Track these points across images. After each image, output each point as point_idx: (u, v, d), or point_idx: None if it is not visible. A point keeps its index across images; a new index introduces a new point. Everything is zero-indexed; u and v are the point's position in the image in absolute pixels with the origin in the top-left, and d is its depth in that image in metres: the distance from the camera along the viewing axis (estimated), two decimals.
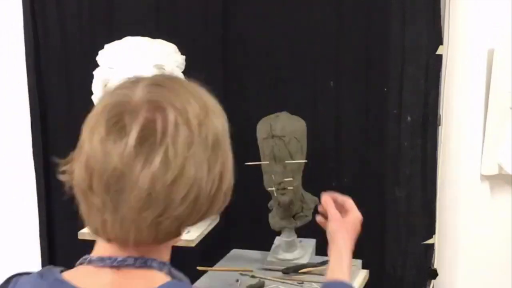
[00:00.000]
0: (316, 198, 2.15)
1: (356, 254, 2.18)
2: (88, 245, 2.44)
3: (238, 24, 2.49)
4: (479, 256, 2.53)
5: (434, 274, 2.47)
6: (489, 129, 2.44)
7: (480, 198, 2.51)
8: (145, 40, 2.06)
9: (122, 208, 0.92)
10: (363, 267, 2.18)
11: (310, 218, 2.13)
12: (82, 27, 2.55)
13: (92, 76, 2.09)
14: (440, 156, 2.43)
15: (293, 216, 2.10)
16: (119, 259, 0.97)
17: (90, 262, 1.00)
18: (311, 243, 2.22)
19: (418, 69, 2.35)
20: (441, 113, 2.41)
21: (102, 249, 1.00)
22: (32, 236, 2.69)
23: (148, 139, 0.91)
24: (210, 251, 2.30)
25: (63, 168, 1.00)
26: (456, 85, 2.44)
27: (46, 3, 2.55)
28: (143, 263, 0.97)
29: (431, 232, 2.44)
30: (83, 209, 0.98)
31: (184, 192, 0.92)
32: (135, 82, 0.97)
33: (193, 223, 0.97)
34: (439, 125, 2.42)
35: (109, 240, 0.97)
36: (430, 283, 2.48)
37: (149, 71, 2.01)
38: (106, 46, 2.08)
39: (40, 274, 1.01)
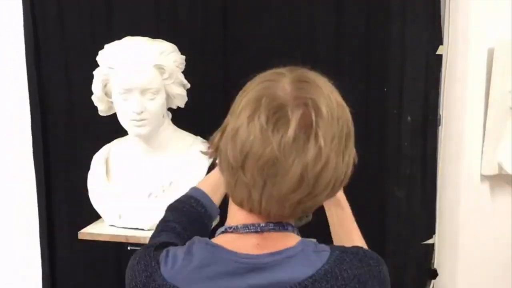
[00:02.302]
0: None
1: None
2: (88, 245, 2.44)
3: (238, 24, 2.49)
4: (479, 256, 2.53)
5: (434, 274, 2.47)
6: (489, 129, 2.44)
7: (480, 198, 2.52)
8: (145, 40, 2.06)
9: (271, 188, 1.05)
10: None
11: (310, 218, 2.12)
12: (82, 27, 2.55)
13: (92, 76, 2.09)
14: (440, 156, 2.43)
15: None
16: (262, 225, 1.11)
17: (235, 230, 1.13)
18: None
19: (418, 69, 2.35)
20: (441, 113, 2.41)
21: (243, 218, 1.13)
22: (32, 236, 2.69)
23: (304, 131, 1.03)
24: None
25: (210, 144, 1.14)
26: (456, 85, 2.44)
27: (46, 3, 2.55)
28: (282, 227, 1.12)
29: (431, 232, 2.44)
30: (228, 182, 1.11)
31: (328, 178, 1.06)
32: (280, 74, 1.13)
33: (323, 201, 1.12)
34: (439, 125, 2.42)
35: (251, 211, 1.11)
36: (430, 283, 2.48)
37: (149, 71, 2.01)
38: (106, 46, 2.08)
39: (192, 242, 1.14)
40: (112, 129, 2.22)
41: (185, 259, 1.11)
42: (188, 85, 2.12)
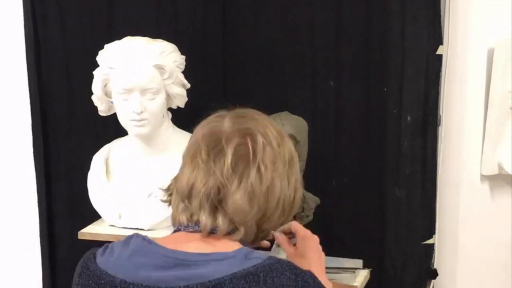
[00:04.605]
0: (317, 198, 2.15)
1: (356, 254, 2.20)
2: (88, 245, 2.44)
3: (238, 24, 2.49)
4: (479, 256, 2.53)
5: (434, 274, 2.47)
6: (489, 129, 2.44)
7: (480, 198, 2.51)
8: (145, 40, 2.06)
9: (220, 213, 1.13)
10: (363, 267, 2.18)
11: (311, 218, 2.13)
12: (82, 27, 2.54)
13: (92, 76, 2.09)
14: (440, 156, 2.43)
15: (294, 216, 2.10)
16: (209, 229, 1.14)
17: (186, 228, 1.17)
18: None
19: (418, 69, 2.35)
20: (441, 113, 2.41)
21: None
22: (32, 236, 2.69)
23: (242, 158, 1.13)
24: None
25: (166, 192, 1.26)
26: (456, 85, 2.44)
27: (46, 3, 2.55)
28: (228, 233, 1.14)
29: (431, 232, 2.44)
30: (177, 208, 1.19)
31: (276, 197, 1.15)
32: (221, 116, 1.20)
33: (281, 224, 1.23)
34: (439, 125, 2.42)
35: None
36: (430, 283, 2.48)
37: (149, 71, 2.01)
38: (106, 46, 2.08)
39: (130, 236, 1.22)
40: (112, 129, 2.22)
41: (122, 250, 1.17)
42: (188, 85, 2.12)
